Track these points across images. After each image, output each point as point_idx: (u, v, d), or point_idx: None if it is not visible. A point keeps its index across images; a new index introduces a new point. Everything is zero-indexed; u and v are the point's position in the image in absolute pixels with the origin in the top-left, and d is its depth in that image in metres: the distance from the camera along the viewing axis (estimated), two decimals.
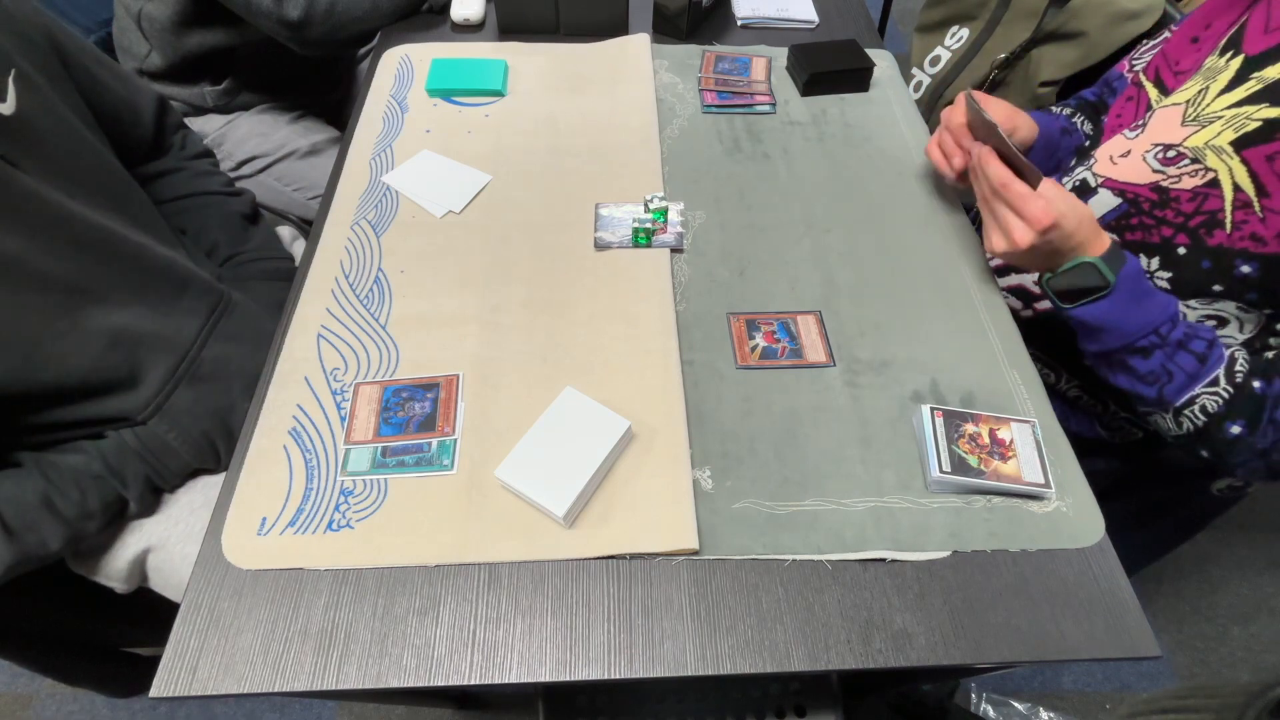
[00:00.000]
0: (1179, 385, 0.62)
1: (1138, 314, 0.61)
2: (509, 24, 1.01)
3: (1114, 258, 0.61)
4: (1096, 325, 0.63)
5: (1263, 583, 1.37)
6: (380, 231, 0.75)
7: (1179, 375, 0.61)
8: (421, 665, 0.50)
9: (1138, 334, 0.61)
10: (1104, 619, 0.53)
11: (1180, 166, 0.64)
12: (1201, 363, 0.61)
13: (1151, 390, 0.63)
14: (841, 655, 0.51)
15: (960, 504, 0.58)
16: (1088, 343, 0.66)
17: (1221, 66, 0.64)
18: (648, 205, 0.76)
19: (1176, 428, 0.64)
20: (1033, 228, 0.60)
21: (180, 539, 0.72)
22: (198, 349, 0.71)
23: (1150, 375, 0.63)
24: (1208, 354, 0.61)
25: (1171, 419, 0.64)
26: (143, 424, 0.67)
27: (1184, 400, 0.62)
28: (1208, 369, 0.61)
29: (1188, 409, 0.62)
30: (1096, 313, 0.62)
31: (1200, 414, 0.62)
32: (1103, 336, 0.63)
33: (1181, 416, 0.63)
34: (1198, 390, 0.61)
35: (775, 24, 1.07)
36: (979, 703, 1.20)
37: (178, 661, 0.49)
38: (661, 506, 0.56)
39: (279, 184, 1.18)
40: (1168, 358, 0.61)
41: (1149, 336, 0.61)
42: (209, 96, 1.12)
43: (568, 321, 0.68)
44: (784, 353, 0.67)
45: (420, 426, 0.60)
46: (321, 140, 1.20)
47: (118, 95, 0.75)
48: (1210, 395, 0.61)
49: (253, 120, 1.17)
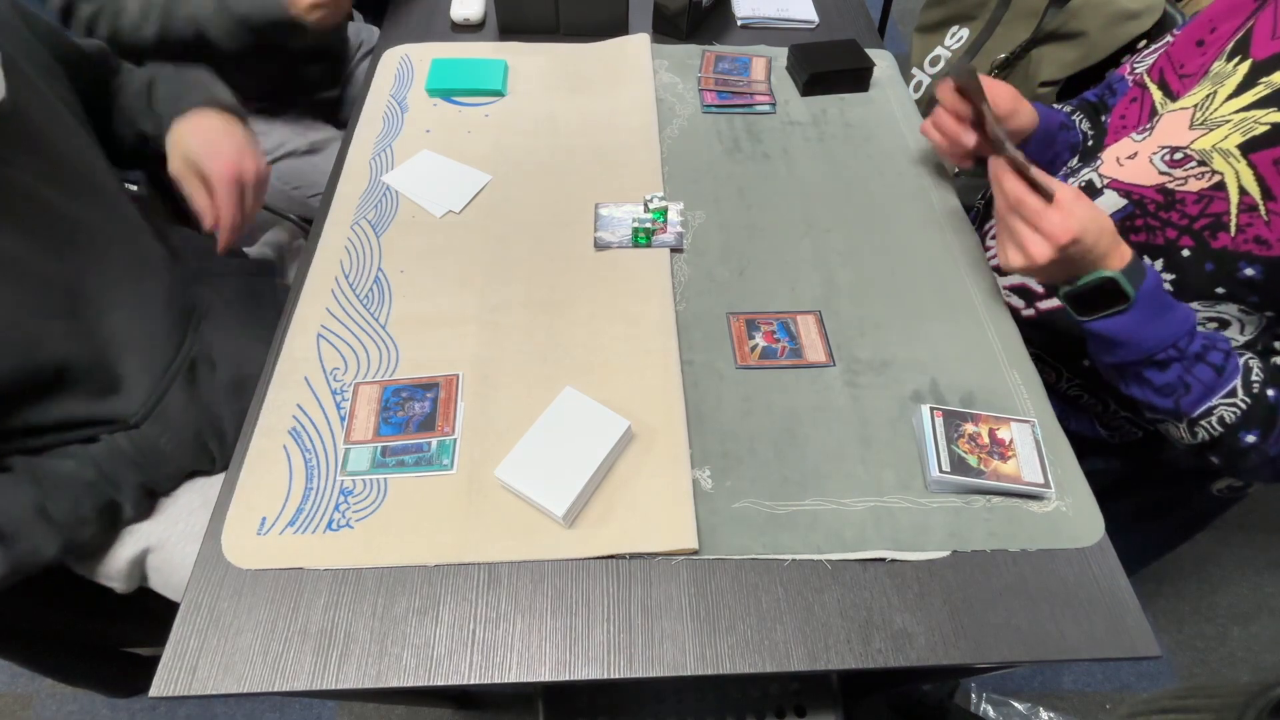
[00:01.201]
0: (1196, 397, 0.60)
1: (1157, 328, 0.59)
2: (509, 24, 1.01)
3: (1135, 271, 0.58)
4: (1114, 339, 0.60)
5: (1263, 583, 1.37)
6: (380, 231, 0.75)
7: (1196, 387, 0.60)
8: (421, 665, 0.50)
9: (1156, 348, 0.59)
10: (1104, 619, 0.53)
11: (1187, 169, 0.64)
12: (1219, 374, 0.59)
13: (1167, 402, 0.62)
14: (841, 655, 0.51)
15: (960, 504, 0.58)
16: (1103, 355, 0.64)
17: (1229, 71, 0.64)
18: (647, 205, 0.76)
19: (1191, 437, 0.63)
20: (1051, 243, 0.58)
21: (180, 539, 0.72)
22: (186, 350, 0.70)
23: (1167, 388, 0.61)
24: (1225, 365, 0.60)
25: (1186, 429, 0.63)
26: (135, 427, 0.67)
27: (1200, 411, 0.61)
28: (1225, 380, 0.60)
29: (1204, 420, 0.61)
30: (1114, 327, 0.60)
31: (1217, 425, 0.61)
32: (1119, 350, 0.61)
33: (1197, 427, 0.62)
34: (1215, 402, 0.60)
35: (775, 24, 1.07)
36: (979, 703, 1.20)
37: (177, 661, 0.49)
38: (661, 506, 0.56)
39: (278, 182, 1.18)
40: (1185, 370, 0.60)
41: (1167, 350, 0.59)
42: None
43: (568, 321, 0.68)
44: (784, 353, 0.67)
45: (420, 426, 0.60)
46: (320, 139, 1.20)
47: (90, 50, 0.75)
48: (1228, 407, 0.60)
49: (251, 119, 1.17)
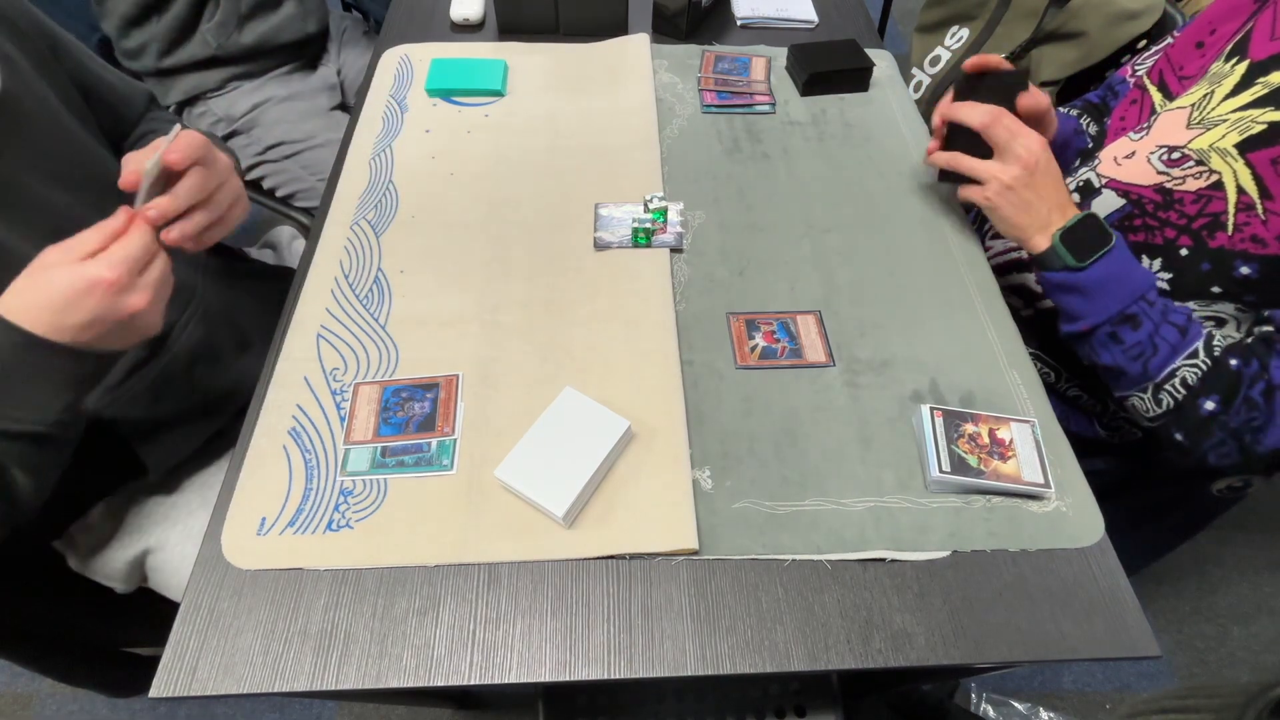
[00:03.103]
0: (1163, 357, 0.63)
1: (1137, 268, 0.63)
2: (509, 24, 1.01)
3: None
4: (1106, 279, 0.63)
5: (1262, 582, 1.37)
6: (380, 231, 0.75)
7: (1163, 347, 0.62)
8: (421, 665, 0.50)
9: (1139, 290, 0.62)
10: (1104, 619, 0.53)
11: (1185, 168, 0.64)
12: (1183, 335, 0.62)
13: (1136, 365, 0.64)
14: (841, 655, 0.51)
15: (960, 504, 0.58)
16: (1087, 311, 0.65)
17: (1227, 72, 0.65)
18: (647, 205, 0.76)
19: (1155, 405, 0.65)
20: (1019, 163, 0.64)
21: (179, 539, 0.72)
22: (165, 350, 0.69)
23: (1136, 347, 0.63)
24: (1188, 326, 0.62)
25: (1151, 397, 0.65)
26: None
27: (1165, 373, 0.63)
28: (1188, 341, 0.62)
29: (1168, 383, 0.63)
30: (1110, 265, 0.63)
31: (1180, 387, 0.62)
32: (1106, 298, 0.64)
33: (1161, 392, 0.64)
34: (1179, 362, 0.62)
35: (775, 24, 1.07)
36: (979, 703, 1.20)
37: (177, 662, 0.49)
38: (661, 506, 0.56)
39: (305, 171, 1.20)
40: (1155, 328, 0.62)
41: (1139, 302, 0.62)
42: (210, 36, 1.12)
43: (568, 321, 0.68)
44: (784, 353, 0.67)
45: (420, 426, 0.60)
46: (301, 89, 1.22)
47: (114, 90, 0.74)
48: (1190, 367, 0.62)
49: (283, 108, 1.19)
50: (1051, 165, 0.65)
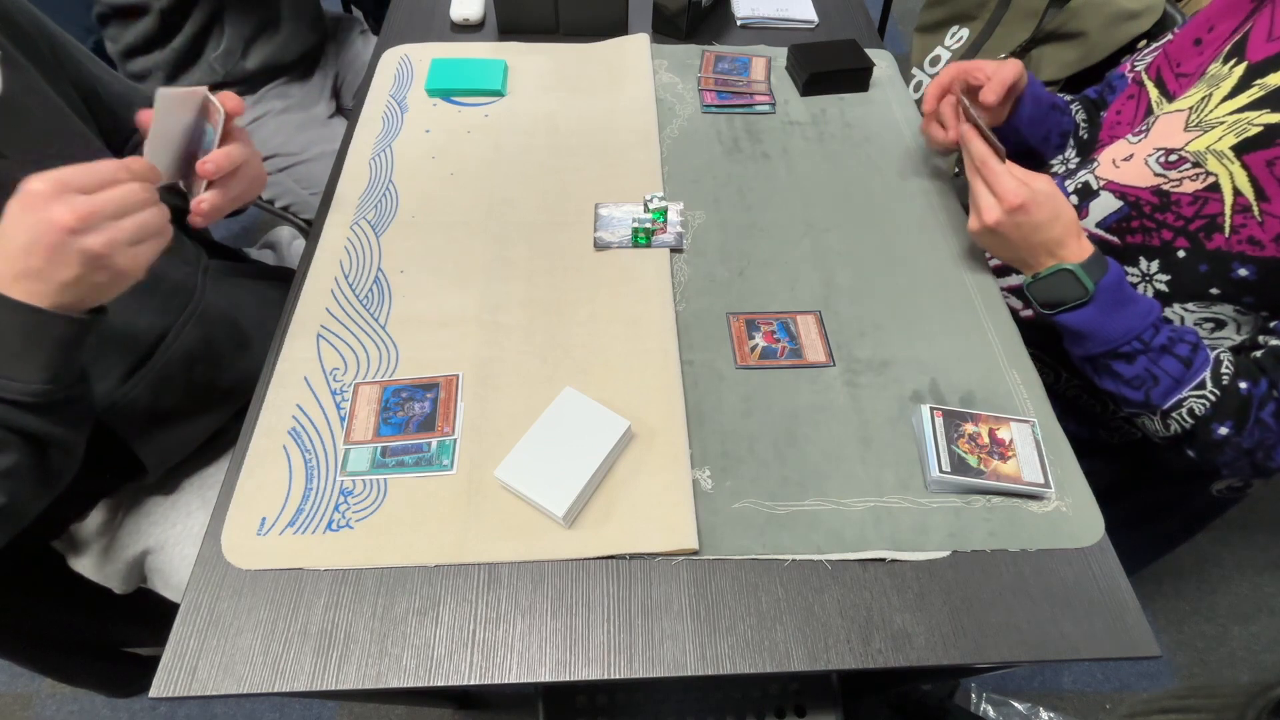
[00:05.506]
0: (1165, 389, 0.62)
1: (1118, 321, 0.62)
2: (509, 24, 1.01)
3: (1094, 266, 0.61)
4: (1078, 331, 0.64)
5: (1263, 583, 1.37)
6: (380, 231, 0.75)
7: (1164, 379, 0.62)
8: (421, 665, 0.50)
9: (1119, 340, 0.62)
10: (1104, 619, 0.53)
11: (1181, 170, 0.64)
12: (1187, 366, 0.61)
13: (1138, 394, 0.64)
14: (841, 655, 0.51)
15: (960, 504, 0.58)
16: (1073, 346, 0.67)
17: (1225, 73, 0.65)
18: (647, 205, 0.76)
19: (1164, 429, 0.65)
20: (1001, 204, 0.62)
21: (179, 540, 0.72)
22: (163, 350, 0.68)
23: (1136, 380, 0.63)
24: (1192, 358, 0.61)
25: (1159, 421, 0.65)
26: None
27: (1171, 404, 0.62)
28: (1193, 372, 0.61)
29: (1175, 412, 0.63)
30: (1076, 320, 0.63)
31: (1188, 417, 0.62)
32: (1085, 342, 0.64)
33: (1169, 419, 0.64)
34: (1184, 394, 0.62)
35: (775, 24, 1.07)
36: (979, 703, 1.20)
37: (177, 662, 0.49)
38: (661, 506, 0.56)
39: (298, 185, 1.19)
40: (1151, 363, 0.62)
41: (1131, 343, 0.62)
42: (217, 65, 1.12)
43: (567, 321, 0.68)
44: (784, 353, 0.67)
45: (420, 427, 0.60)
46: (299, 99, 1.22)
47: (114, 91, 0.74)
48: (1197, 399, 0.61)
49: (280, 120, 1.19)
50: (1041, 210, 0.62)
